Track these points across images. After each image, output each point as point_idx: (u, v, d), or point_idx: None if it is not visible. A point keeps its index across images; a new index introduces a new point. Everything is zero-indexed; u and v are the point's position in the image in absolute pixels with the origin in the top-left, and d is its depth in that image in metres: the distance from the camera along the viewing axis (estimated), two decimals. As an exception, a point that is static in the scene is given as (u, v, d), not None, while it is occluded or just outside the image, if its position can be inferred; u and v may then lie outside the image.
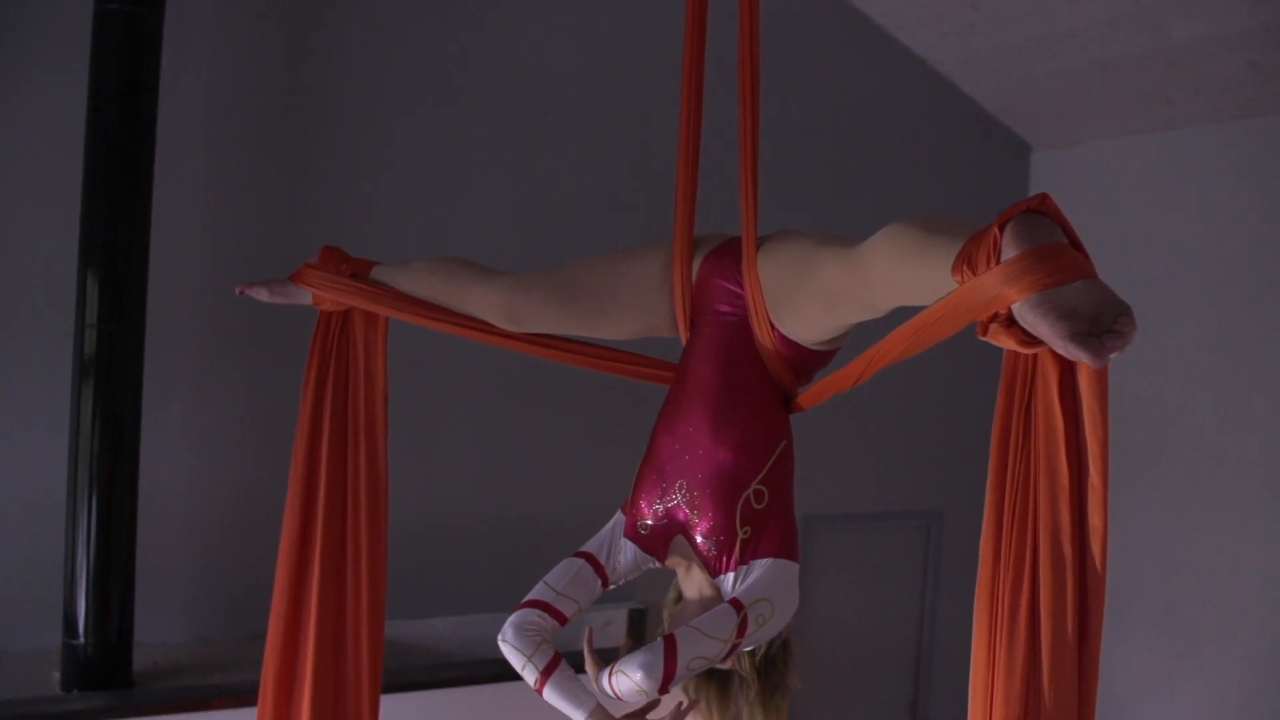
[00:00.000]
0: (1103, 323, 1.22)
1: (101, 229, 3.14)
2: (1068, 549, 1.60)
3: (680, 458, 1.92)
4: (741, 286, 1.92)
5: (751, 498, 1.87)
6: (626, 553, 1.99)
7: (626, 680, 1.75)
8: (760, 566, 1.85)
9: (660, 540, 1.96)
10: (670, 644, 1.74)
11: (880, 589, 5.36)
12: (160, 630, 3.56)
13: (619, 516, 2.04)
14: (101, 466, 3.13)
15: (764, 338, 1.90)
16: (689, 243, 2.01)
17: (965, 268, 1.40)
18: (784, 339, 1.89)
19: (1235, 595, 4.54)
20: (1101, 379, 1.50)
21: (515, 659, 1.89)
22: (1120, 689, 5.01)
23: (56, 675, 3.20)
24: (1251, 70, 4.15)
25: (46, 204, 3.37)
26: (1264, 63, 4.09)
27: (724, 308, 1.95)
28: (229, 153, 3.68)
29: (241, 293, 2.42)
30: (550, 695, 1.87)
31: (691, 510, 1.90)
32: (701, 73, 1.99)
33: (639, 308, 2.06)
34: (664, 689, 1.75)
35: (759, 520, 1.87)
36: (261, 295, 2.40)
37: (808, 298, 1.80)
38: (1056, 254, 1.28)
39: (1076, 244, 1.36)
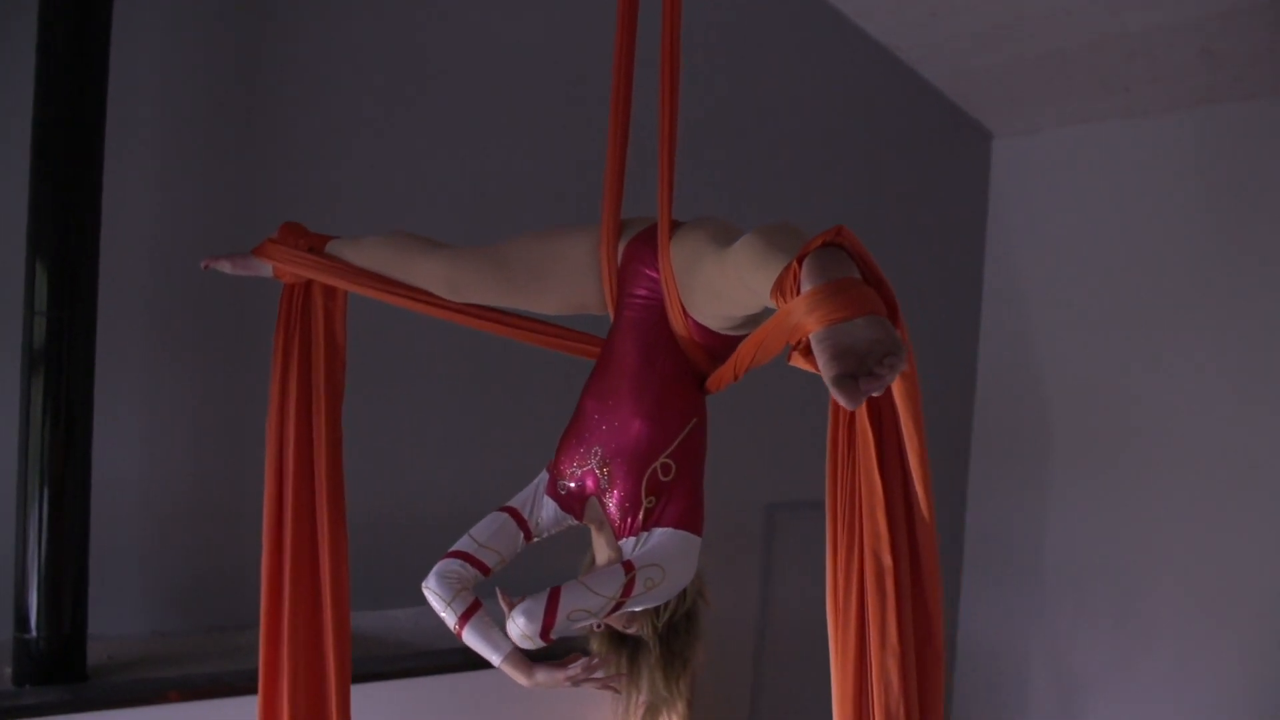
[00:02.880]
0: (868, 363, 1.28)
1: (50, 214, 3.06)
2: (887, 559, 1.78)
3: (598, 426, 2.03)
4: (658, 271, 1.99)
5: (659, 470, 1.96)
6: (547, 509, 2.11)
7: (514, 625, 1.87)
8: (659, 534, 1.95)
9: (576, 501, 2.07)
10: (554, 595, 1.87)
11: (843, 575, 5.38)
12: (115, 623, 3.50)
13: (544, 474, 2.15)
14: (53, 457, 3.07)
15: (677, 323, 1.98)
16: (615, 225, 2.10)
17: (778, 294, 1.49)
18: (696, 324, 1.97)
19: (1195, 581, 4.60)
20: (912, 396, 1.63)
21: (436, 604, 2.01)
22: (1081, 675, 5.06)
23: (8, 670, 3.14)
24: (1206, 58, 4.20)
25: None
26: (1218, 50, 4.13)
27: (642, 291, 2.03)
28: (181, 134, 3.62)
29: (206, 266, 2.55)
30: (469, 638, 1.99)
31: (603, 476, 2.01)
32: (632, 56, 2.09)
33: (568, 286, 2.16)
34: (545, 636, 1.86)
35: (664, 492, 1.96)
36: (225, 268, 2.54)
37: (699, 288, 1.90)
38: (844, 290, 1.37)
39: (872, 275, 1.46)
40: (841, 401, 1.27)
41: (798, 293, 1.43)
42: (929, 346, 5.48)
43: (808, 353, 1.44)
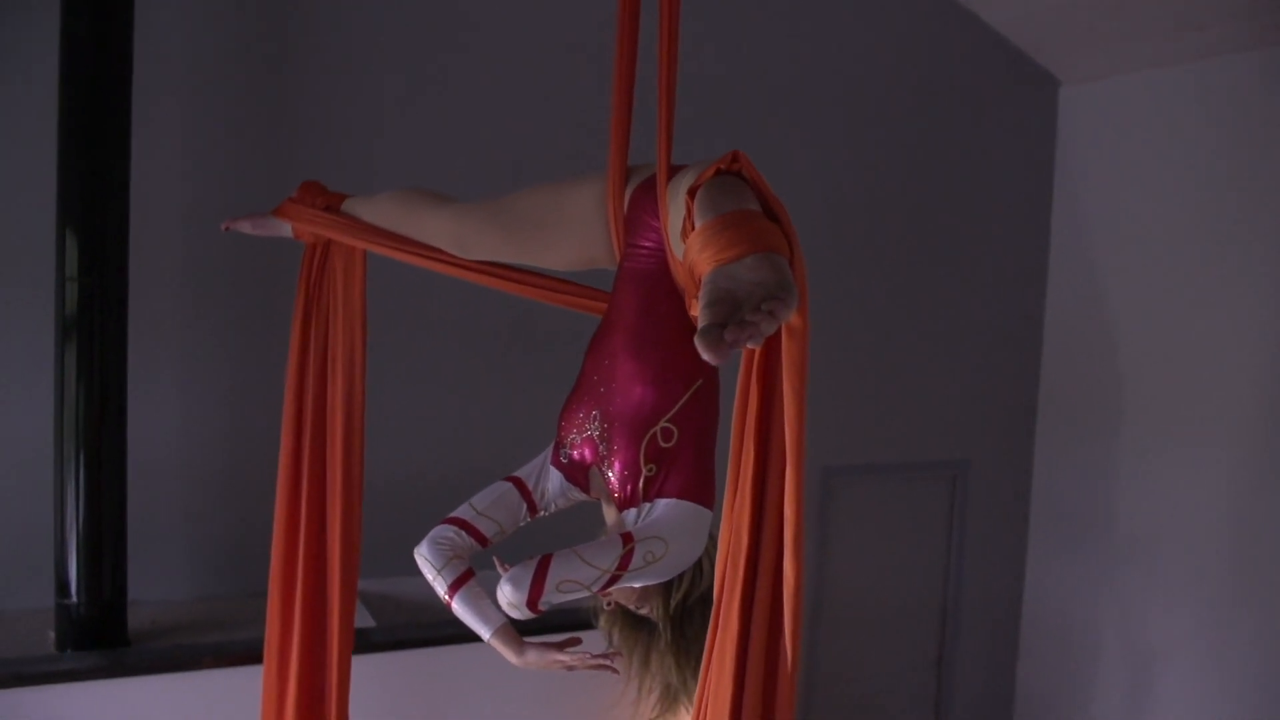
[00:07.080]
0: (745, 309, 1.14)
1: (79, 180, 3.05)
2: (745, 539, 1.62)
3: (597, 389, 1.87)
4: (659, 219, 1.84)
5: (659, 435, 1.78)
6: (553, 480, 1.98)
7: (501, 593, 1.75)
8: (663, 505, 1.77)
9: (580, 471, 1.94)
10: (544, 563, 1.73)
11: (904, 541, 5.25)
12: (158, 587, 3.52)
13: (553, 443, 2.03)
14: (88, 422, 3.08)
15: (678, 273, 1.82)
16: (621, 174, 1.94)
17: (684, 234, 1.42)
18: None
19: (1274, 548, 4.38)
20: (798, 360, 1.46)
21: (427, 571, 1.92)
22: (1154, 645, 4.87)
23: (51, 634, 3.17)
24: (1289, -10, 3.94)
25: (21, 157, 3.30)
26: (1302, -19, 3.87)
27: (646, 242, 1.88)
28: (208, 97, 3.59)
29: (227, 228, 2.56)
30: (458, 609, 1.91)
31: (603, 443, 1.86)
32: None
33: (575, 238, 2.02)
34: (533, 607, 1.72)
35: (665, 459, 1.78)
36: (245, 228, 2.55)
37: (675, 237, 1.76)
38: (732, 225, 1.26)
39: (769, 203, 1.33)
40: (703, 354, 1.10)
41: (693, 229, 1.32)
42: (994, 305, 5.31)
43: None
